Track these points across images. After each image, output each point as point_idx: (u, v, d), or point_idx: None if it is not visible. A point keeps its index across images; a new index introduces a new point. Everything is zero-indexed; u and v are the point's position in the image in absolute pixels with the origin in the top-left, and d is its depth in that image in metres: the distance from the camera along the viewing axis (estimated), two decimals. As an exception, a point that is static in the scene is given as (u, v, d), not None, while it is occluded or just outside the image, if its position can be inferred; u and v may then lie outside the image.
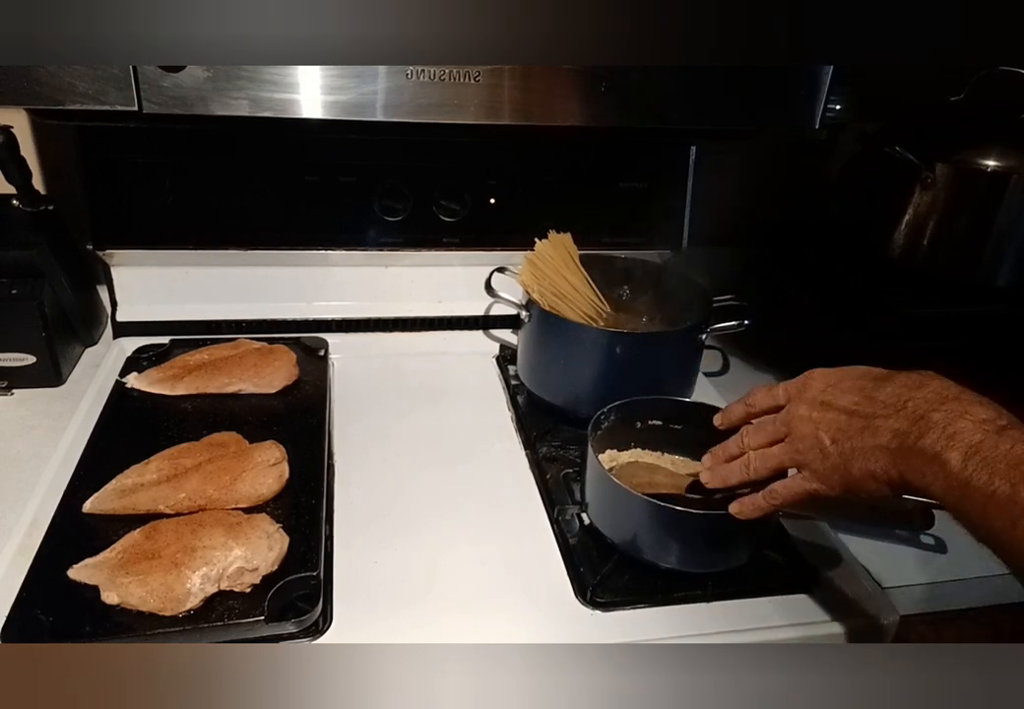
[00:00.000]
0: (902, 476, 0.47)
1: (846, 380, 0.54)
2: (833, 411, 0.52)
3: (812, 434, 0.53)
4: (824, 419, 0.52)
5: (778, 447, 0.56)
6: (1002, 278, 0.84)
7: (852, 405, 0.51)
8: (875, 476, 0.49)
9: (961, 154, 0.81)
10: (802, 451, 0.53)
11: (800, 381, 0.57)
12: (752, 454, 0.57)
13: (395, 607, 0.59)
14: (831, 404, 0.53)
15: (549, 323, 0.80)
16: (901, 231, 0.87)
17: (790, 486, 0.55)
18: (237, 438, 0.68)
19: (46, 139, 0.93)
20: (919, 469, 0.46)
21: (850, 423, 0.51)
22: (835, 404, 0.52)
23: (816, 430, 0.53)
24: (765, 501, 0.56)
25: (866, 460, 0.49)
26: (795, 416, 0.54)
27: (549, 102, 0.70)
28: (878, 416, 0.49)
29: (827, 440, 0.52)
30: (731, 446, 0.60)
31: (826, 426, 0.52)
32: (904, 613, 0.62)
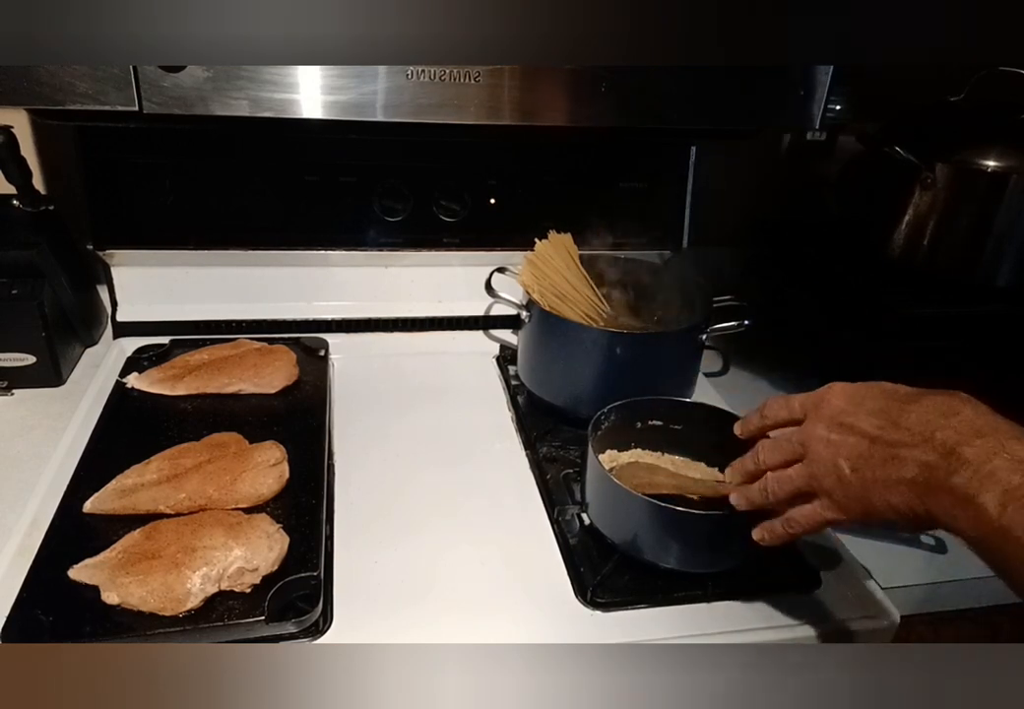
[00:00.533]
0: (929, 513, 0.44)
1: (868, 399, 0.50)
2: (853, 435, 0.49)
3: (830, 459, 0.49)
4: (844, 443, 0.49)
5: (795, 469, 0.53)
6: (1002, 278, 0.84)
7: (874, 429, 0.48)
8: (898, 510, 0.46)
9: (961, 154, 0.81)
10: (819, 476, 0.50)
11: (818, 396, 0.53)
12: (770, 477, 0.55)
13: (395, 607, 0.59)
14: (852, 427, 0.49)
15: (549, 323, 0.80)
16: (901, 231, 0.87)
17: (809, 515, 0.52)
18: (237, 438, 0.68)
19: (46, 139, 0.93)
20: (949, 509, 0.43)
21: (872, 450, 0.47)
22: (856, 427, 0.49)
23: (835, 455, 0.49)
24: (784, 530, 0.54)
25: (889, 493, 0.46)
26: (812, 436, 0.51)
27: (549, 102, 0.70)
28: (903, 445, 0.46)
29: (846, 467, 0.48)
30: (748, 462, 0.57)
31: (846, 451, 0.49)
32: (904, 613, 0.62)
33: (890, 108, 0.90)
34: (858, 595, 0.64)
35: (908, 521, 0.46)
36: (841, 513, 0.50)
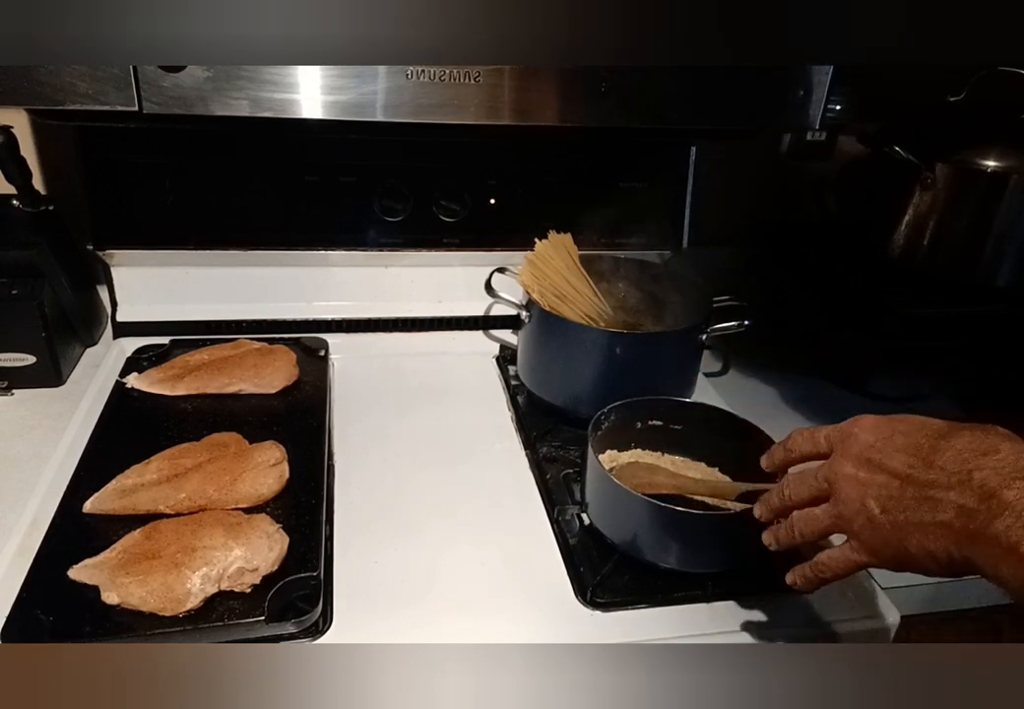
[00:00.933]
0: (968, 561, 0.41)
1: (898, 435, 0.47)
2: (883, 474, 0.46)
3: (858, 499, 0.47)
4: (872, 482, 0.46)
5: (822, 509, 0.50)
6: (1002, 278, 0.84)
7: (905, 468, 0.45)
8: (935, 556, 0.43)
9: (961, 154, 0.81)
10: (848, 518, 0.47)
11: (845, 430, 0.50)
12: (796, 517, 0.52)
13: (395, 607, 0.59)
14: (880, 464, 0.46)
15: (549, 323, 0.80)
16: (901, 231, 0.87)
17: (839, 559, 0.49)
18: (237, 438, 0.68)
19: (46, 139, 0.93)
20: (990, 559, 0.40)
21: (903, 491, 0.44)
22: (885, 465, 0.46)
23: (863, 495, 0.46)
24: (815, 574, 0.51)
25: (924, 537, 0.43)
26: (839, 474, 0.48)
27: (549, 102, 0.70)
28: (937, 486, 0.43)
29: (876, 508, 0.45)
30: (774, 497, 0.54)
31: (875, 491, 0.46)
32: (904, 613, 0.62)
33: (890, 108, 0.90)
34: (858, 595, 0.64)
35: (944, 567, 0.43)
36: (872, 556, 0.47)
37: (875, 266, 0.89)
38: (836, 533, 0.50)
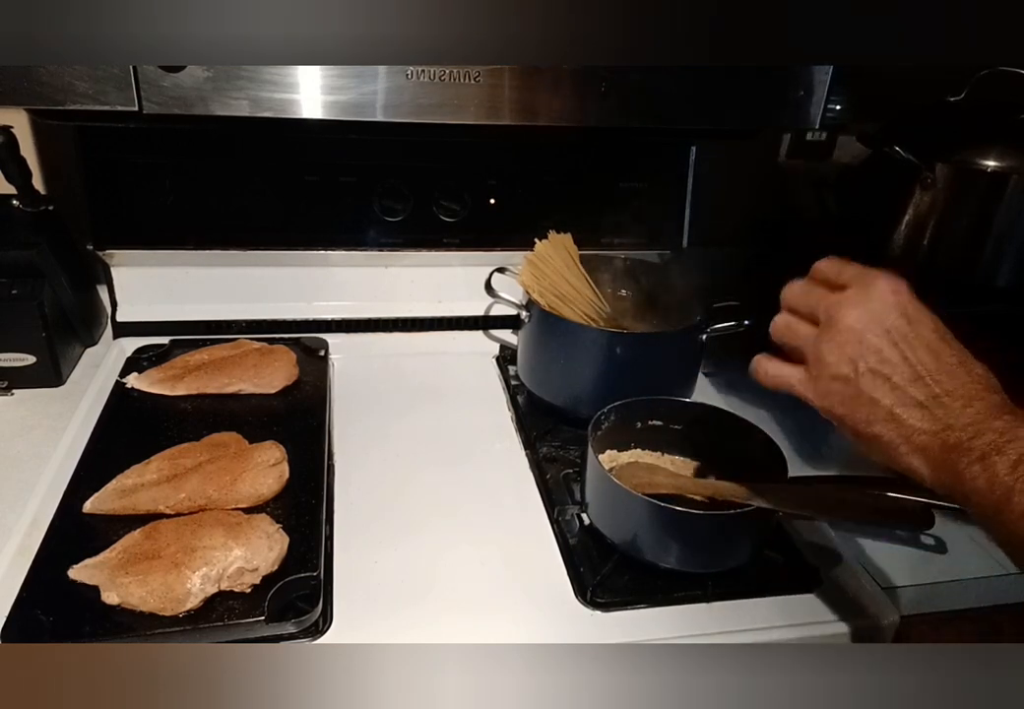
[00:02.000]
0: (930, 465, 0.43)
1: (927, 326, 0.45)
2: (896, 353, 0.44)
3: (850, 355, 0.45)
4: (878, 353, 0.44)
5: (807, 330, 0.48)
6: (1002, 278, 0.84)
7: (922, 367, 0.44)
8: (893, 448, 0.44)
9: (961, 154, 0.81)
10: (823, 356, 0.46)
11: (874, 276, 0.47)
12: (783, 318, 0.51)
13: (395, 607, 0.59)
14: (898, 344, 0.44)
15: (549, 323, 0.80)
16: (901, 231, 0.87)
17: (780, 377, 0.49)
18: (237, 438, 0.68)
19: (46, 139, 0.93)
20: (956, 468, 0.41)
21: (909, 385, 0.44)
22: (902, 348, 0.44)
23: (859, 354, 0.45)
24: (752, 369, 0.52)
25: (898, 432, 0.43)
26: (845, 316, 0.46)
27: (549, 102, 0.70)
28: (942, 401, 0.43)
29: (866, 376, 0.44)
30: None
31: (876, 362, 0.44)
32: (904, 613, 0.62)
33: (890, 108, 0.90)
34: (858, 595, 0.64)
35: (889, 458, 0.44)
36: (816, 399, 0.47)
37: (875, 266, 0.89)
38: (801, 356, 0.49)
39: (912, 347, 0.45)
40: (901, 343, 0.45)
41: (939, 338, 0.45)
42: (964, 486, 0.41)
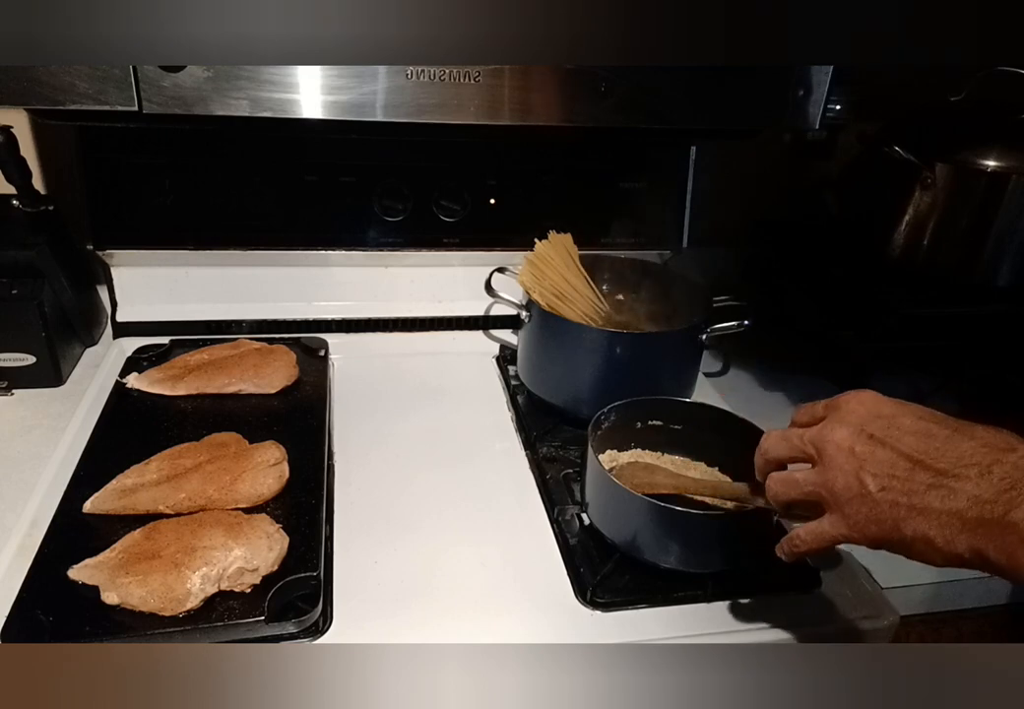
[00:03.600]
0: (975, 550, 0.41)
1: (905, 417, 0.46)
2: (887, 451, 0.45)
3: (852, 472, 0.45)
4: (872, 458, 0.45)
5: (803, 475, 0.48)
6: (1002, 278, 0.84)
7: (916, 452, 0.44)
8: (932, 542, 0.42)
9: (961, 154, 0.81)
10: (834, 489, 0.46)
11: (842, 400, 0.48)
12: (774, 478, 0.51)
13: (395, 607, 0.59)
14: (883, 442, 0.45)
15: (549, 323, 0.80)
16: (901, 231, 0.87)
17: (816, 533, 0.48)
18: (237, 438, 0.68)
19: (46, 139, 0.93)
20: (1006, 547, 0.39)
21: (912, 475, 0.43)
22: (891, 444, 0.45)
23: (859, 469, 0.45)
24: (790, 549, 0.50)
25: (927, 523, 0.42)
26: (830, 441, 0.47)
27: (549, 102, 0.70)
28: (953, 475, 0.42)
29: (872, 485, 0.44)
30: (758, 457, 0.53)
31: (875, 468, 0.44)
32: (904, 613, 0.62)
33: (890, 108, 0.90)
34: (858, 595, 0.64)
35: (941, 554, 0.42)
36: (853, 531, 0.46)
37: (875, 266, 0.89)
38: (814, 501, 0.48)
39: (898, 439, 0.45)
40: (888, 440, 0.45)
41: (923, 421, 0.45)
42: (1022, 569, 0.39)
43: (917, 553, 0.43)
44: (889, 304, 0.85)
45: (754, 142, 0.85)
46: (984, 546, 0.40)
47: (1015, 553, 0.39)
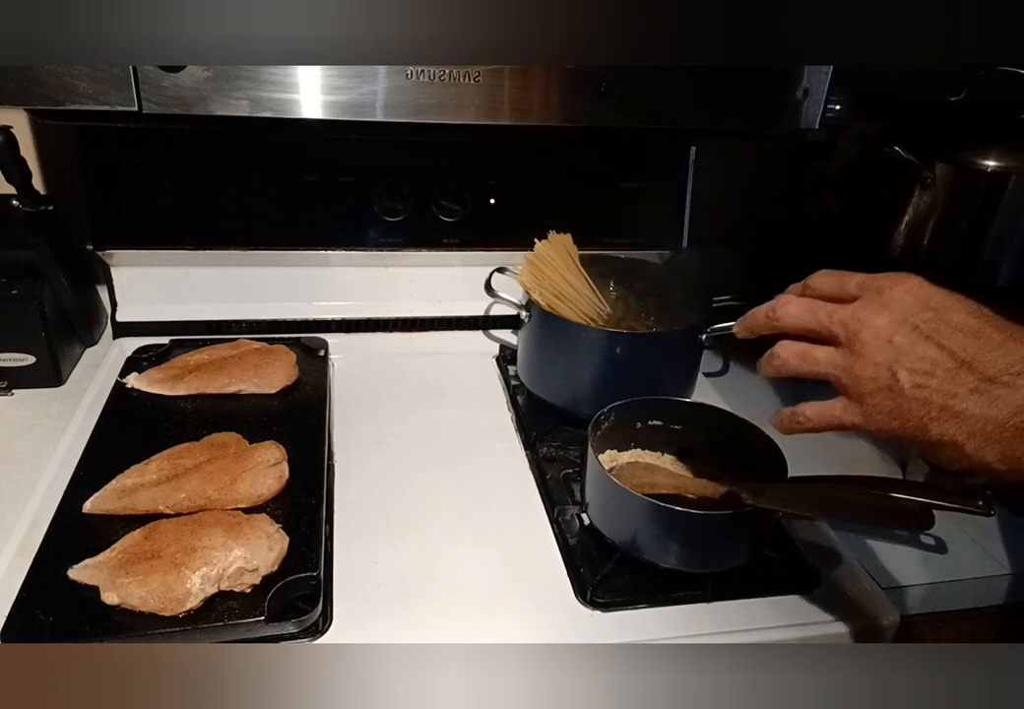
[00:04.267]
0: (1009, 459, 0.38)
1: (957, 312, 0.42)
2: (931, 347, 0.41)
3: (886, 363, 0.41)
4: (913, 352, 0.41)
5: (826, 353, 0.44)
6: (1002, 278, 0.84)
7: (964, 352, 0.40)
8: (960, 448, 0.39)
9: (961, 154, 0.81)
10: (859, 378, 0.42)
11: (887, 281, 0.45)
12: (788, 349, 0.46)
13: (395, 607, 0.59)
14: (930, 337, 0.41)
15: (549, 323, 0.80)
16: (901, 231, 0.87)
17: (825, 414, 0.45)
18: (237, 438, 0.68)
19: (46, 139, 0.93)
20: None
21: (955, 376, 0.40)
22: (937, 340, 0.41)
23: (894, 361, 0.41)
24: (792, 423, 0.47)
25: (959, 428, 0.39)
26: (866, 326, 0.43)
27: (549, 102, 0.70)
28: (1002, 382, 0.39)
29: (906, 380, 0.41)
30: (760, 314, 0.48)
31: (913, 362, 0.41)
32: (904, 613, 0.62)
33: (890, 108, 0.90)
34: (858, 595, 0.64)
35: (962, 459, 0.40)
36: (868, 423, 0.42)
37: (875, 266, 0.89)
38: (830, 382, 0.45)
39: (947, 336, 0.41)
40: (934, 335, 0.41)
41: (975, 319, 0.42)
42: None
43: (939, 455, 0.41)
44: (889, 304, 0.85)
45: (754, 142, 0.85)
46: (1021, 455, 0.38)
47: None
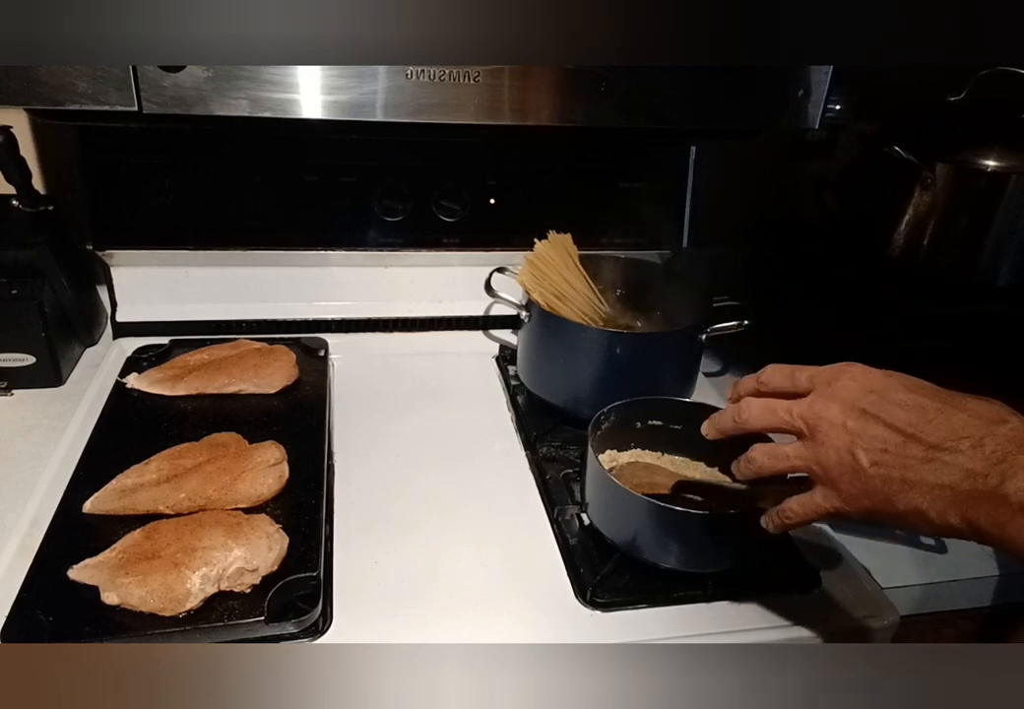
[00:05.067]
0: (967, 521, 0.41)
1: (897, 391, 0.46)
2: (879, 426, 0.45)
3: (845, 448, 0.45)
4: (865, 434, 0.45)
5: (793, 449, 0.48)
6: (1002, 278, 0.84)
7: (908, 426, 0.44)
8: (925, 515, 0.42)
9: (961, 154, 0.81)
10: (826, 465, 0.46)
11: (833, 373, 0.48)
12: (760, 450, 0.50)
13: (395, 607, 0.59)
14: (877, 417, 0.45)
15: (549, 323, 0.80)
16: (901, 231, 0.87)
17: (808, 505, 0.48)
18: (237, 438, 0.68)
19: (46, 139, 0.93)
20: (998, 519, 0.40)
21: (904, 449, 0.43)
22: (883, 419, 0.45)
23: (851, 444, 0.45)
24: (782, 520, 0.50)
25: (920, 496, 0.42)
26: (822, 417, 0.46)
27: (549, 102, 0.70)
28: (945, 448, 0.42)
29: (865, 460, 0.44)
30: (727, 418, 0.52)
31: (867, 443, 0.45)
32: (904, 613, 0.62)
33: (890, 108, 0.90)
34: (858, 595, 0.64)
35: (934, 527, 0.43)
36: (846, 505, 0.46)
37: (875, 266, 0.89)
38: (801, 474, 0.49)
39: (890, 413, 0.45)
40: (881, 414, 0.45)
41: (913, 393, 0.45)
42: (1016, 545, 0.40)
43: (909, 525, 0.44)
44: (889, 304, 0.85)
45: (754, 142, 0.85)
46: (976, 517, 0.41)
47: (1006, 524, 0.40)
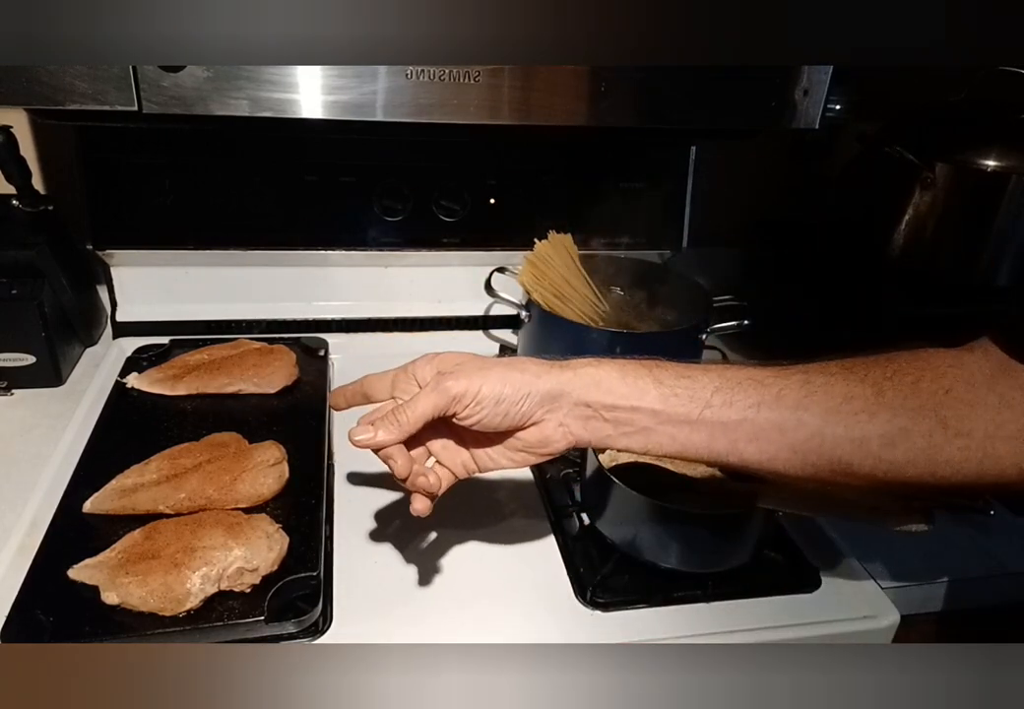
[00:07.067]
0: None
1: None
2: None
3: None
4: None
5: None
6: (1002, 278, 0.84)
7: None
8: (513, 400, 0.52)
9: (961, 154, 0.81)
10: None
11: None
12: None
13: (395, 607, 0.59)
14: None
15: (549, 323, 0.80)
16: (901, 231, 0.87)
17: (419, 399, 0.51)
18: (237, 438, 0.68)
19: (46, 139, 0.93)
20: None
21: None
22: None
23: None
24: (395, 417, 0.50)
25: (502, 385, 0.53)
26: (416, 363, 0.57)
27: (549, 102, 0.70)
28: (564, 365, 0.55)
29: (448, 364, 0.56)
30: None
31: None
32: (904, 613, 0.62)
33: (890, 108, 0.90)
34: (858, 595, 0.64)
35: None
36: (453, 382, 0.53)
37: (875, 266, 0.89)
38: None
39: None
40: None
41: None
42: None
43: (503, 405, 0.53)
44: (889, 304, 0.85)
45: (754, 142, 0.85)
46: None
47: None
